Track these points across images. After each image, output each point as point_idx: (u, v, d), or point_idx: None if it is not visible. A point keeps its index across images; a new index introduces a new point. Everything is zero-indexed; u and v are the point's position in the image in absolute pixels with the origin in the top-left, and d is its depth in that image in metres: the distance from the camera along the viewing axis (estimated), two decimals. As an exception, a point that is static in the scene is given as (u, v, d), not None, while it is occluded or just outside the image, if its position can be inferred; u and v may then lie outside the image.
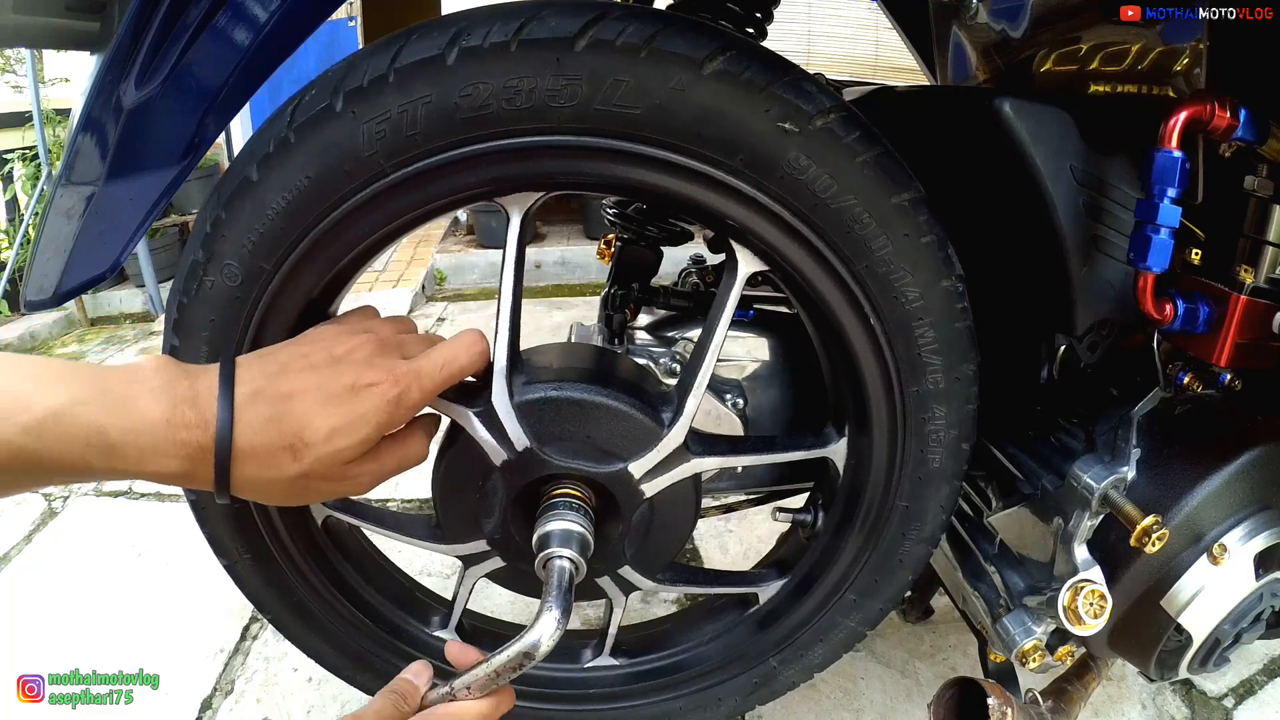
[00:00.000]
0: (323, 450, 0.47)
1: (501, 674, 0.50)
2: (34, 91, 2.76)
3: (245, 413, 0.45)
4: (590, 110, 0.51)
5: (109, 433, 0.41)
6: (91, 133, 0.51)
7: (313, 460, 0.47)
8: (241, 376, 0.47)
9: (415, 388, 0.50)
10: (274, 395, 0.46)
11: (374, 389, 0.48)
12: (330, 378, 0.48)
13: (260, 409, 0.45)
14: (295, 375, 0.47)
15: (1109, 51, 0.68)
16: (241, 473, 0.46)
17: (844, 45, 3.91)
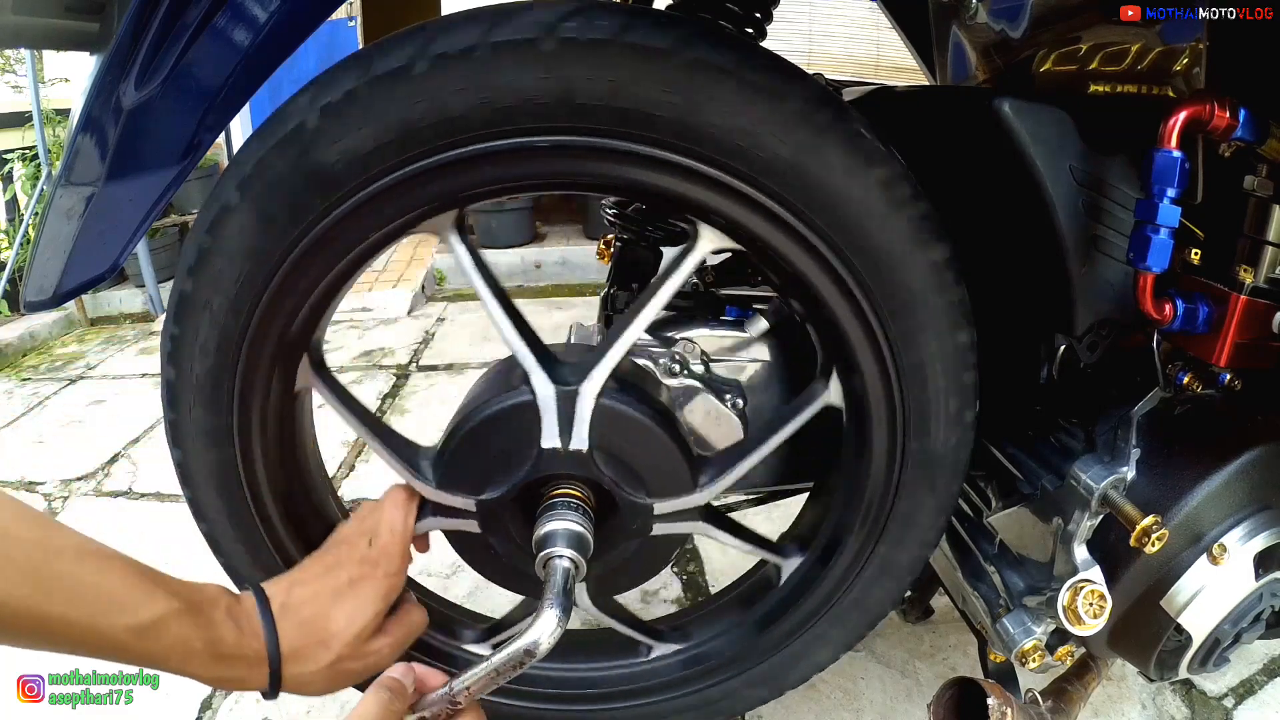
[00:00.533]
0: (346, 635, 0.57)
1: (502, 673, 0.50)
2: (34, 91, 2.76)
3: (282, 624, 0.56)
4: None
5: (194, 643, 0.50)
6: (91, 133, 0.51)
7: (340, 646, 0.57)
8: (269, 592, 0.58)
9: (388, 559, 0.61)
10: (296, 604, 0.57)
11: (367, 581, 0.60)
12: (331, 580, 0.59)
13: (291, 619, 0.56)
14: (308, 586, 0.59)
15: (1109, 51, 0.68)
16: (288, 671, 0.56)
17: (845, 45, 3.91)
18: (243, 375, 0.58)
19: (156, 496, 1.55)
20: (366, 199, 0.53)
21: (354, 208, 0.53)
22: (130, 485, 1.60)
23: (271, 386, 0.61)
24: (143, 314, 3.04)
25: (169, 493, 1.55)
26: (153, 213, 0.53)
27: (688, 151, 0.52)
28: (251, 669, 0.54)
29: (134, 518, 1.48)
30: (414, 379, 2.20)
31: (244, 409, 0.60)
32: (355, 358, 2.36)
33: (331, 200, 0.53)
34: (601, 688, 0.78)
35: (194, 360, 0.58)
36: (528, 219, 3.48)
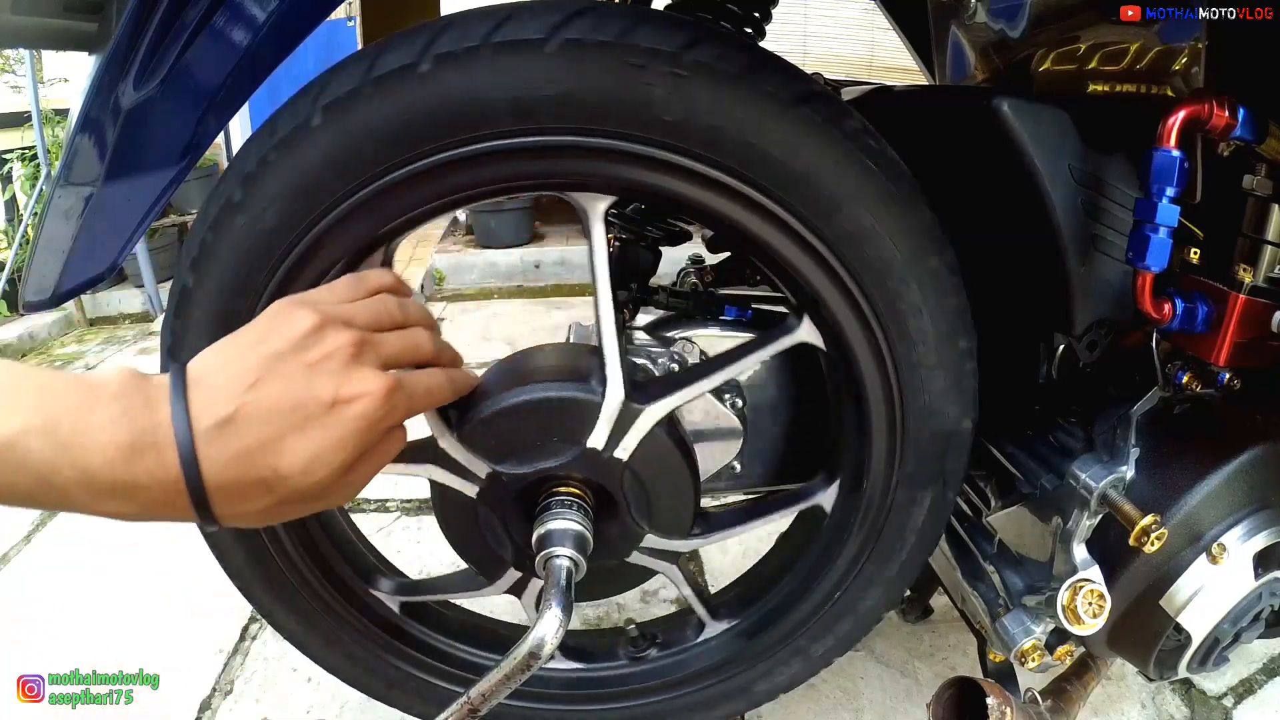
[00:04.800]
0: (299, 482, 0.42)
1: (511, 677, 0.51)
2: (33, 92, 2.76)
3: (212, 450, 0.40)
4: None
5: (62, 470, 0.37)
6: (90, 133, 0.51)
7: (288, 491, 0.42)
8: (201, 397, 0.40)
9: (401, 408, 0.46)
10: (244, 425, 0.40)
11: (354, 405, 0.43)
12: (305, 392, 0.42)
13: (229, 442, 0.40)
14: (264, 389, 0.41)
15: (1108, 51, 0.68)
16: (215, 507, 0.41)
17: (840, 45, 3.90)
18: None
19: (156, 497, 1.55)
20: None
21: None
22: (129, 485, 1.60)
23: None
24: (142, 314, 3.03)
25: (168, 493, 1.55)
26: (151, 213, 0.53)
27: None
28: (159, 506, 0.40)
29: (133, 518, 1.48)
30: (413, 379, 2.20)
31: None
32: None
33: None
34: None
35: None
36: (527, 219, 3.48)
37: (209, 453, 0.40)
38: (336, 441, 0.43)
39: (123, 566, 1.32)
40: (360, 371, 0.44)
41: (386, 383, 0.44)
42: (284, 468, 0.41)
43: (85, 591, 1.26)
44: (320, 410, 0.42)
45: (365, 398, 0.43)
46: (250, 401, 0.41)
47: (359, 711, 0.99)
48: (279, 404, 0.41)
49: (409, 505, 1.49)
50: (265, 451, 0.41)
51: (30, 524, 1.47)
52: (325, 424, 0.42)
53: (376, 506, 1.49)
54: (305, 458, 0.42)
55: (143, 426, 0.39)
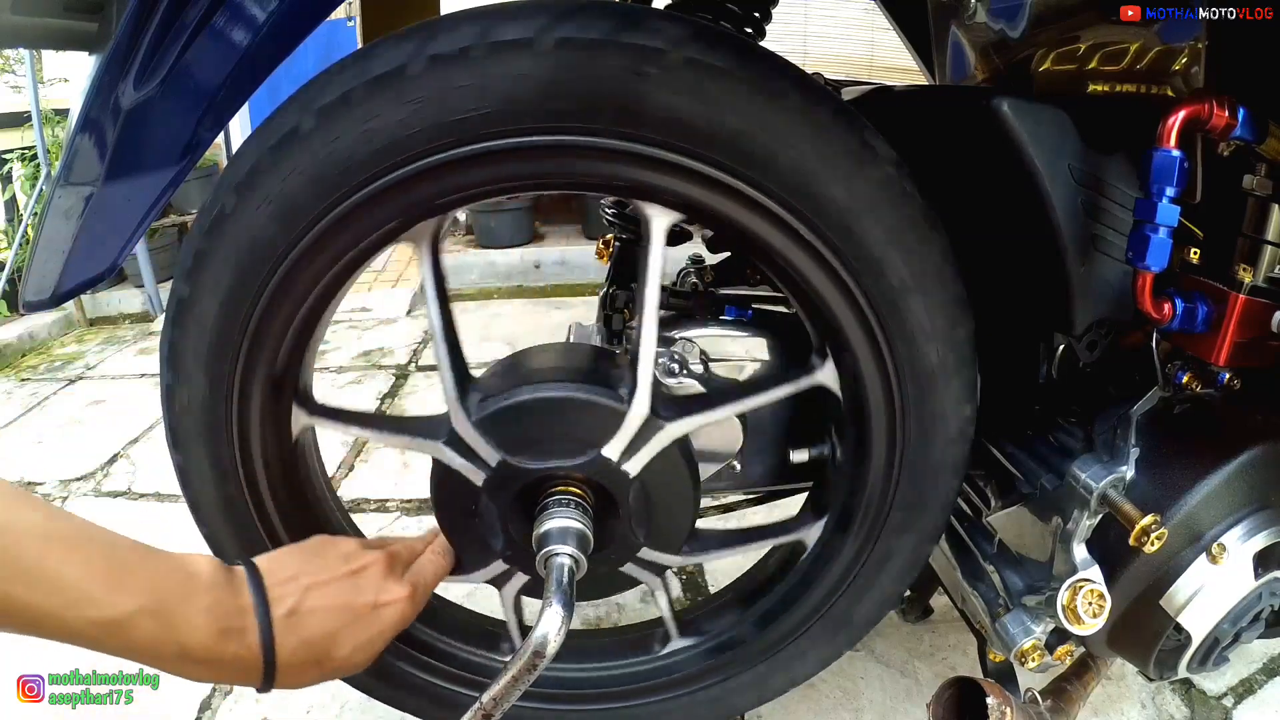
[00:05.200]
0: (344, 664, 0.55)
1: (520, 678, 0.51)
2: (33, 92, 2.76)
3: (284, 639, 0.51)
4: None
5: (163, 648, 0.46)
6: (90, 133, 0.51)
7: (334, 669, 0.55)
8: (276, 594, 0.52)
9: (421, 602, 0.60)
10: (305, 615, 0.52)
11: (391, 608, 0.56)
12: (352, 596, 0.55)
13: (297, 632, 0.52)
14: (321, 594, 0.53)
15: (1108, 51, 0.68)
16: (277, 680, 0.52)
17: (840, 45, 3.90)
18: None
19: (156, 496, 1.55)
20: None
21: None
22: (130, 485, 1.60)
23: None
24: (142, 314, 3.03)
25: (168, 493, 1.54)
26: (151, 213, 0.53)
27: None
28: (236, 674, 0.51)
29: (134, 518, 1.48)
30: (413, 379, 2.19)
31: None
32: (354, 357, 2.36)
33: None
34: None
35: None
36: (527, 219, 3.48)
37: (283, 640, 0.51)
38: (377, 635, 0.56)
39: (123, 566, 1.32)
40: (392, 581, 0.57)
41: (408, 590, 0.58)
42: (336, 655, 0.54)
43: (85, 591, 1.25)
44: (366, 611, 0.55)
45: (400, 602, 0.57)
46: (311, 597, 0.53)
47: (359, 711, 0.99)
48: (334, 603, 0.54)
49: (409, 505, 1.49)
50: (325, 641, 0.53)
51: (30, 524, 1.46)
52: (369, 622, 0.55)
53: (376, 506, 1.49)
54: (352, 648, 0.54)
55: (231, 613, 0.49)
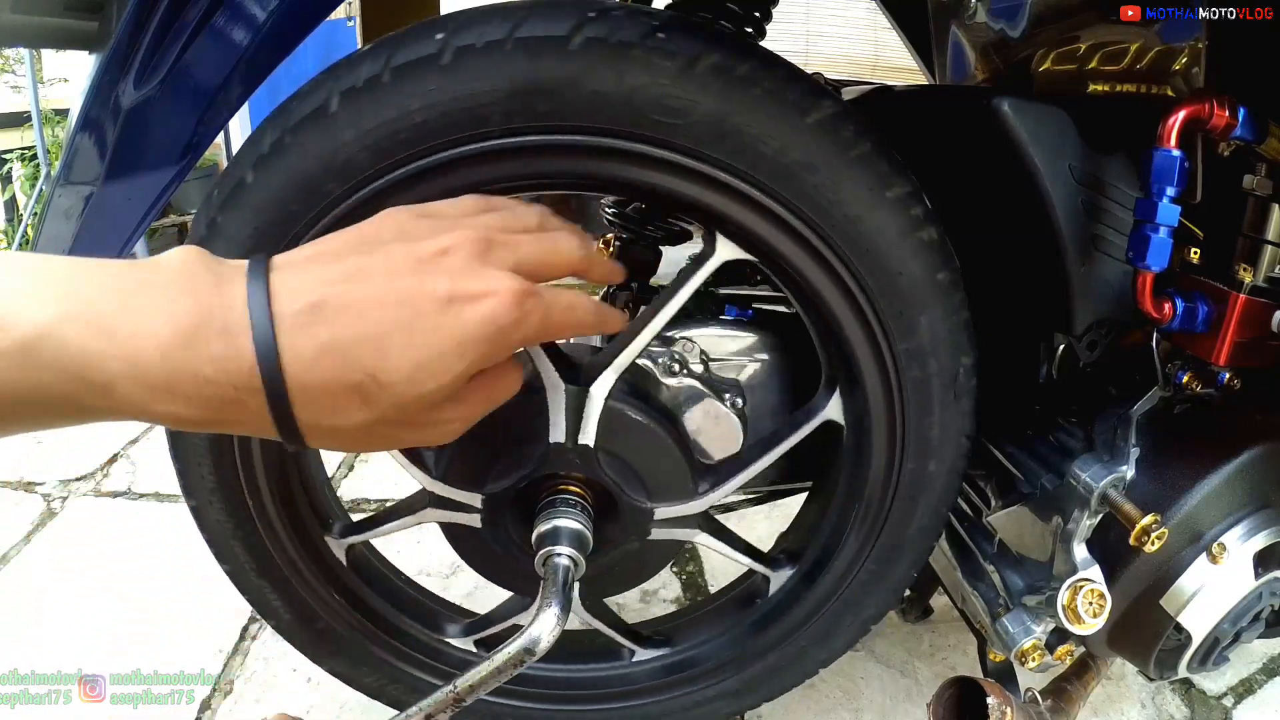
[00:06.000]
0: (403, 393, 0.34)
1: (503, 671, 0.50)
2: (33, 91, 2.76)
3: (296, 340, 0.32)
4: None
5: (107, 362, 0.30)
6: (90, 132, 0.51)
7: (388, 405, 0.34)
8: (290, 285, 0.33)
9: (537, 316, 0.37)
10: (337, 314, 0.33)
11: (478, 305, 0.35)
12: (416, 286, 0.34)
13: (316, 331, 0.33)
14: (364, 283, 0.34)
15: (1108, 51, 0.68)
16: (302, 419, 0.34)
17: (843, 45, 3.90)
18: None
19: (156, 496, 1.55)
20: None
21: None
22: (130, 485, 1.60)
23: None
24: (142, 314, 3.03)
25: (168, 492, 1.54)
26: (151, 212, 0.53)
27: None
28: (230, 408, 0.32)
29: (133, 518, 1.48)
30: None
31: None
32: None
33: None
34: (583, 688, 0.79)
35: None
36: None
37: (292, 342, 0.32)
38: (453, 347, 0.35)
39: (123, 566, 1.32)
40: (486, 270, 0.36)
41: (518, 284, 0.37)
42: (385, 373, 0.33)
43: (85, 591, 1.25)
44: (433, 307, 0.34)
45: (492, 297, 0.36)
46: (345, 291, 0.33)
47: (359, 712, 0.99)
48: (382, 296, 0.34)
49: (409, 505, 1.49)
50: (363, 349, 0.33)
51: (30, 524, 1.46)
52: (440, 324, 0.34)
53: (376, 507, 1.49)
54: (412, 362, 0.34)
55: (210, 306, 0.32)
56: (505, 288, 0.36)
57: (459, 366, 0.35)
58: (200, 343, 0.31)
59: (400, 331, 0.34)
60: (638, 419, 0.63)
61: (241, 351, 0.31)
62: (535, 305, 0.37)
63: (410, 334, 0.34)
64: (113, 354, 0.30)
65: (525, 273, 0.38)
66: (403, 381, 0.34)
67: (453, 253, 0.36)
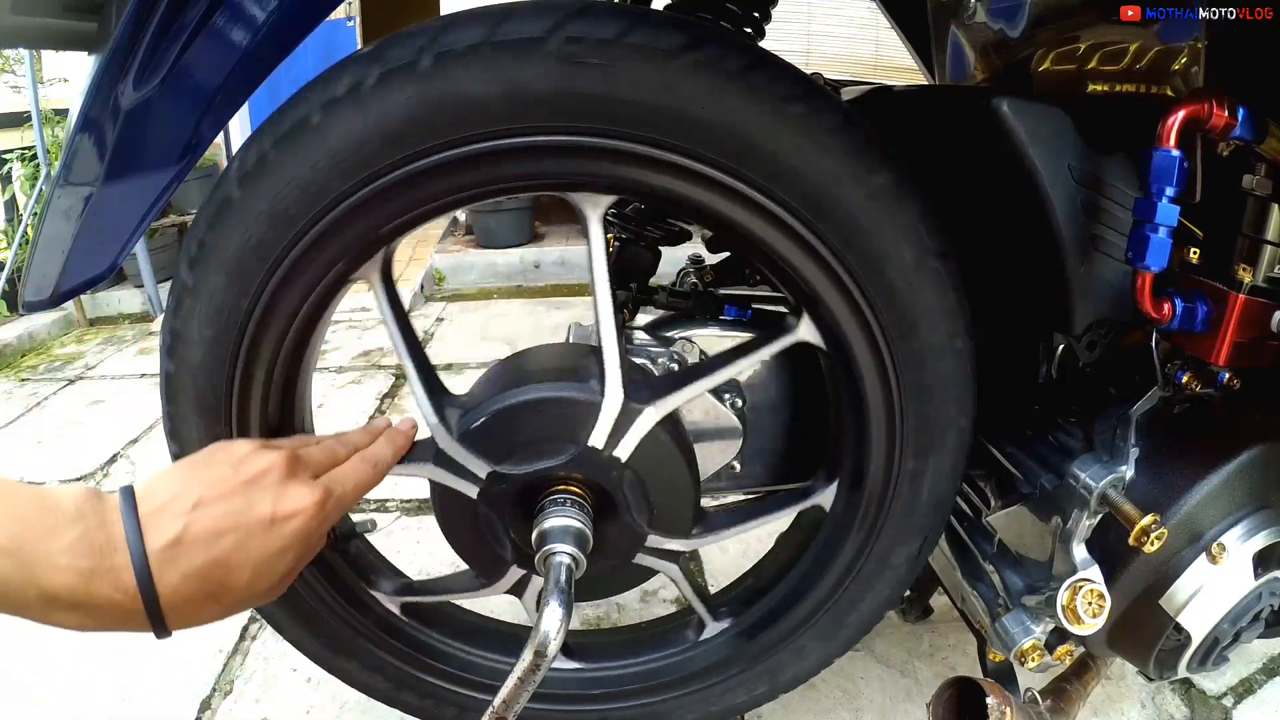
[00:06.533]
0: (245, 594, 0.46)
1: (525, 680, 0.52)
2: (32, 92, 2.76)
3: (165, 573, 0.42)
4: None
5: (23, 593, 0.39)
6: (89, 133, 0.51)
7: (234, 601, 0.46)
8: (155, 523, 0.43)
9: (333, 514, 0.50)
10: (192, 545, 0.43)
11: (292, 521, 0.47)
12: (245, 510, 0.45)
13: (179, 565, 0.43)
14: (209, 511, 0.44)
15: (1107, 51, 0.68)
16: (168, 619, 0.44)
17: (844, 45, 3.90)
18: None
19: (155, 497, 1.55)
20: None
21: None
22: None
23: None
24: (141, 314, 3.03)
25: (168, 493, 1.54)
26: (151, 212, 0.53)
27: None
28: (116, 620, 0.43)
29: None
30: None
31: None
32: (354, 358, 2.36)
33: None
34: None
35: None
36: (527, 219, 3.48)
37: (163, 575, 0.43)
38: (277, 555, 0.46)
39: (122, 566, 1.32)
40: (293, 487, 0.48)
41: (318, 495, 0.49)
42: (234, 584, 0.45)
43: (85, 591, 1.25)
44: (261, 528, 0.46)
45: (304, 511, 0.47)
46: (195, 520, 0.44)
47: (359, 711, 0.99)
48: (222, 523, 0.45)
49: (409, 505, 1.49)
50: (215, 569, 0.44)
51: (30, 524, 1.46)
52: (267, 540, 0.46)
53: (376, 507, 1.49)
54: (250, 573, 0.45)
55: (100, 549, 0.41)
56: (309, 503, 0.48)
57: (283, 567, 0.47)
58: (96, 581, 0.41)
59: (239, 551, 0.45)
60: (674, 452, 0.64)
61: (126, 586, 0.42)
62: (334, 504, 0.50)
63: (246, 552, 0.45)
64: (31, 583, 0.39)
65: (319, 474, 0.51)
66: (243, 586, 0.46)
67: (268, 473, 0.47)
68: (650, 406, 0.61)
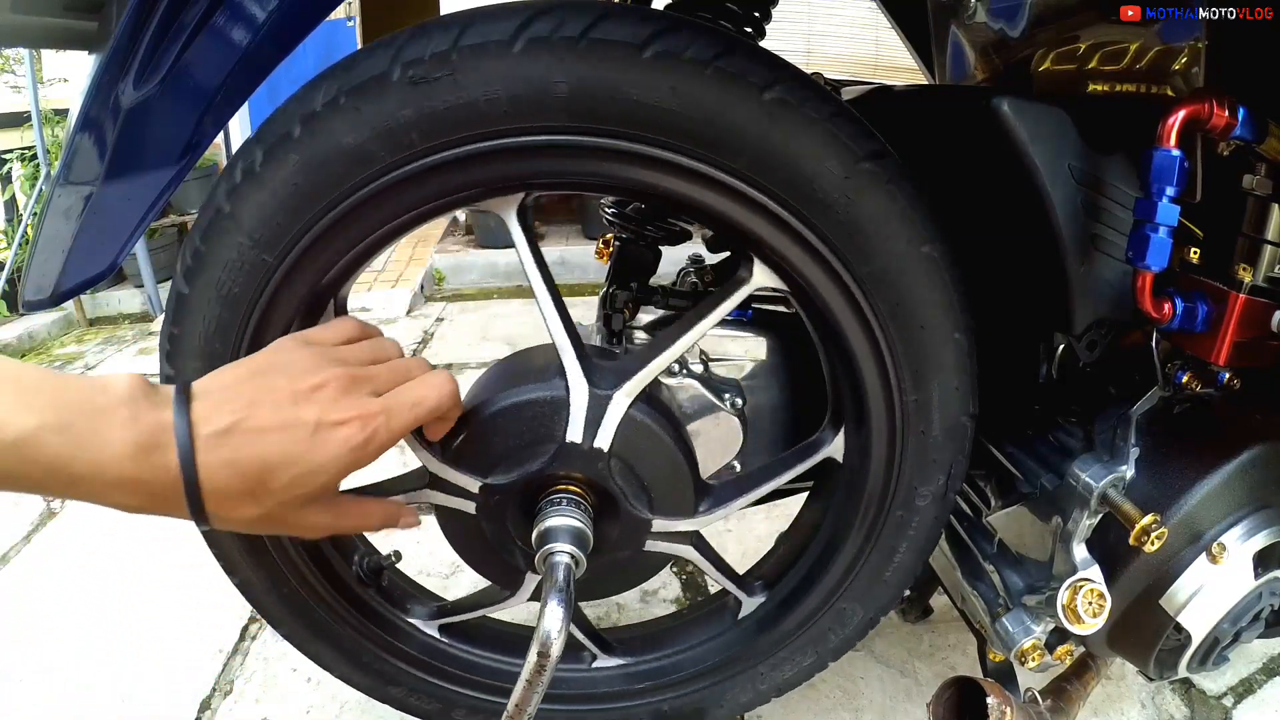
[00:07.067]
0: (283, 496, 0.47)
1: (533, 682, 0.53)
2: (32, 91, 2.76)
3: (208, 458, 0.44)
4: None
5: (73, 466, 0.41)
6: (89, 132, 0.51)
7: (272, 505, 0.47)
8: (204, 413, 0.45)
9: (384, 429, 0.49)
10: (238, 437, 0.45)
11: (339, 430, 0.47)
12: (295, 417, 0.46)
13: (223, 453, 0.45)
14: (259, 413, 0.46)
15: (1107, 51, 0.68)
16: (207, 509, 0.46)
17: (844, 45, 3.91)
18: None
19: (155, 497, 1.55)
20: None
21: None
22: (129, 485, 1.60)
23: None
24: (141, 314, 3.03)
25: (168, 493, 1.55)
26: (151, 212, 0.53)
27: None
28: (159, 502, 0.45)
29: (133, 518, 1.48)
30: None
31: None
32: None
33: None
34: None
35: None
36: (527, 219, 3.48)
37: (206, 459, 0.44)
38: (319, 466, 0.47)
39: (123, 567, 1.32)
40: (348, 401, 0.49)
41: (369, 408, 0.49)
42: (274, 484, 0.46)
43: (86, 591, 1.26)
44: (305, 434, 0.47)
45: (349, 423, 0.48)
46: (246, 419, 0.46)
47: (359, 712, 0.99)
48: (270, 423, 0.46)
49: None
50: (256, 465, 0.46)
51: (30, 524, 1.47)
52: (311, 447, 0.47)
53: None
54: (289, 478, 0.47)
55: (150, 429, 0.43)
56: (356, 415, 0.48)
57: (324, 477, 0.48)
58: (143, 458, 0.43)
59: (282, 452, 0.46)
60: (656, 431, 0.63)
61: (171, 465, 0.44)
62: (381, 423, 0.49)
63: (289, 456, 0.46)
64: (82, 460, 0.41)
65: (389, 399, 0.51)
66: (281, 489, 0.47)
67: (325, 388, 0.48)
68: (618, 391, 0.61)
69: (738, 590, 0.77)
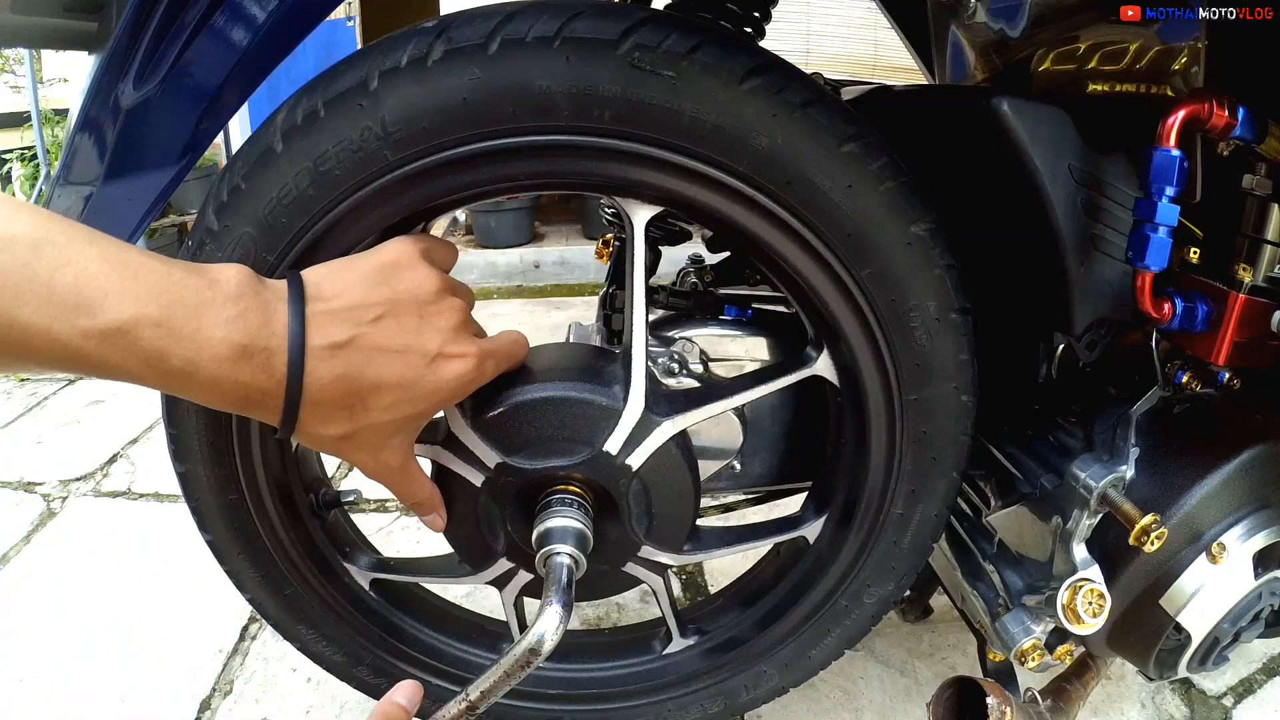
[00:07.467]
0: (379, 418, 0.46)
1: (511, 674, 0.51)
2: (32, 92, 2.76)
3: (318, 368, 0.42)
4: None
5: (168, 361, 0.39)
6: (89, 132, 0.51)
7: (364, 425, 0.46)
8: (321, 321, 0.43)
9: (486, 372, 0.51)
10: (354, 353, 0.43)
11: (454, 364, 0.48)
12: (417, 342, 0.46)
13: (334, 366, 0.43)
14: (382, 330, 0.45)
15: (1107, 51, 0.68)
16: (299, 417, 0.44)
17: (843, 45, 3.90)
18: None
19: (155, 497, 1.55)
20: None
21: None
22: (129, 485, 1.60)
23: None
24: (141, 314, 3.03)
25: (168, 493, 1.54)
26: (151, 212, 0.54)
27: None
28: (253, 405, 0.43)
29: (133, 518, 1.48)
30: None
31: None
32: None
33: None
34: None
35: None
36: (527, 219, 3.48)
37: (315, 370, 0.42)
38: (426, 394, 0.47)
39: (123, 566, 1.32)
40: (464, 337, 0.49)
41: (480, 348, 0.50)
42: (372, 402, 0.45)
43: (86, 591, 1.25)
44: (423, 361, 0.46)
45: (465, 358, 0.49)
46: (368, 334, 0.44)
47: (358, 712, 0.99)
48: (391, 343, 0.45)
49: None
50: (364, 382, 0.44)
51: (30, 524, 1.46)
52: (424, 374, 0.46)
53: (376, 507, 1.49)
54: (391, 400, 0.46)
55: (257, 330, 0.41)
56: (474, 352, 0.50)
57: (423, 405, 0.48)
58: (245, 359, 0.41)
59: (397, 375, 0.45)
60: (682, 467, 0.64)
61: (276, 372, 0.42)
62: (491, 363, 0.52)
63: (399, 378, 0.45)
64: (178, 354, 0.39)
65: (488, 344, 0.53)
66: (380, 409, 0.46)
67: (447, 318, 0.48)
68: (668, 420, 0.61)
69: (675, 627, 0.78)
